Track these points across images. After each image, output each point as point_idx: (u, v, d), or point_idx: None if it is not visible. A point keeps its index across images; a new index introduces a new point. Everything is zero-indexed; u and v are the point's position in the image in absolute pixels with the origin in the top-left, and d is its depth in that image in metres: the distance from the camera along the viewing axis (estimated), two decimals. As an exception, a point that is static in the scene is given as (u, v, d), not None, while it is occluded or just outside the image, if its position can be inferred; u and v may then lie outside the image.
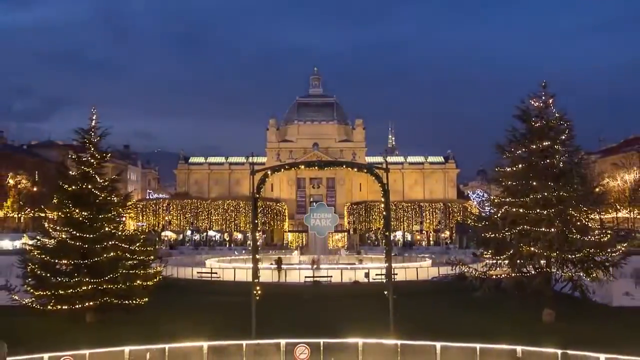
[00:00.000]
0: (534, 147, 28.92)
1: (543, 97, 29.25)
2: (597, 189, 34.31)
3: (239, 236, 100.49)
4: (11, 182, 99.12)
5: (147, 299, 28.79)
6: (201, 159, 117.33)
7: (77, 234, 28.21)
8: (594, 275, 27.90)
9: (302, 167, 29.15)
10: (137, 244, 30.25)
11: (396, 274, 38.23)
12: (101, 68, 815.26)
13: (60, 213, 29.81)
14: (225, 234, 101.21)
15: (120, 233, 29.92)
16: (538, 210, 27.55)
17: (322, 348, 18.19)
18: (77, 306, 27.40)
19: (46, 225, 31.43)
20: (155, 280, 30.53)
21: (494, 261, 28.71)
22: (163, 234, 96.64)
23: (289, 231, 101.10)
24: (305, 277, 46.77)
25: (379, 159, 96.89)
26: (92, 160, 29.89)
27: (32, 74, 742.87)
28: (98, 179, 29.73)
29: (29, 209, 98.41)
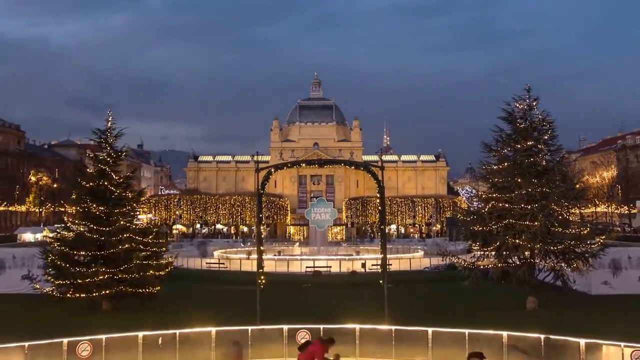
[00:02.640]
0: (519, 146, 28.90)
1: (527, 100, 29.22)
2: (577, 186, 34.35)
3: (245, 229, 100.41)
4: (33, 179, 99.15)
5: (159, 288, 28.76)
6: (209, 158, 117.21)
7: (94, 227, 28.21)
8: (575, 265, 27.91)
9: (304, 165, 29.17)
10: (150, 237, 30.24)
11: (391, 265, 38.30)
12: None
13: (78, 208, 29.77)
14: (232, 227, 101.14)
15: (134, 226, 29.90)
16: (523, 205, 27.53)
17: (321, 333, 18.15)
18: (94, 294, 27.37)
19: (65, 219, 31.43)
20: (166, 270, 30.51)
21: (482, 252, 28.70)
22: (174, 227, 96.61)
23: (291, 224, 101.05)
24: (307, 267, 46.76)
25: (375, 157, 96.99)
26: (108, 159, 29.86)
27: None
28: (114, 176, 29.69)
29: (49, 204, 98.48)
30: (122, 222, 28.76)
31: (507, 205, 28.02)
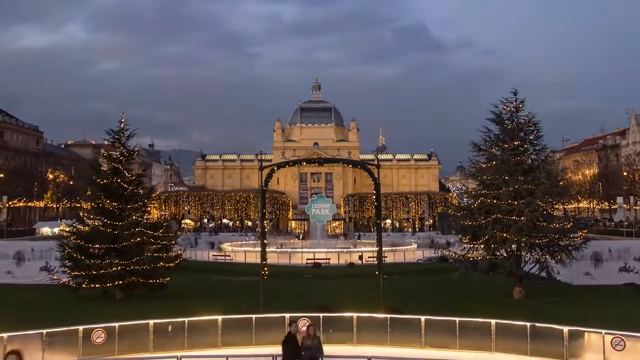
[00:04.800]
0: (506, 146, 28.91)
1: (514, 103, 29.18)
2: (561, 183, 34.35)
3: (249, 223, 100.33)
4: (51, 176, 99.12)
5: (168, 278, 28.76)
6: (216, 157, 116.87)
7: (108, 222, 28.20)
8: (558, 257, 27.95)
9: (304, 163, 29.14)
10: (160, 231, 30.23)
11: (386, 257, 38.24)
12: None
13: (93, 203, 29.77)
14: (237, 222, 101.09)
15: (145, 221, 29.90)
16: (510, 201, 27.53)
17: (321, 321, 18.15)
18: (107, 285, 27.40)
19: (81, 214, 31.40)
20: (176, 261, 30.50)
21: (471, 245, 28.68)
22: (183, 222, 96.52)
23: (293, 219, 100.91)
24: (307, 259, 46.72)
25: (371, 156, 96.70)
26: (121, 158, 29.84)
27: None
28: (126, 174, 29.67)
29: (66, 200, 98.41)
30: (134, 217, 28.77)
31: (495, 201, 28.02)
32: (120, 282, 27.39)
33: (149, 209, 33.96)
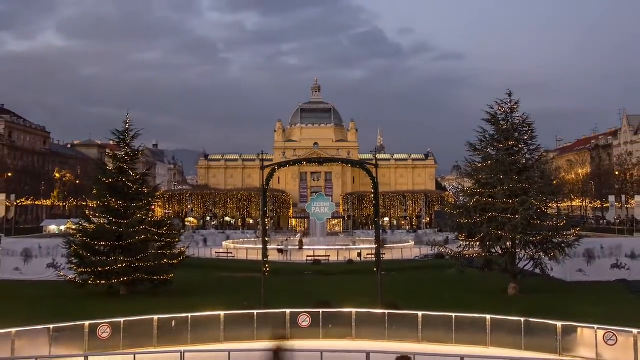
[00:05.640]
0: (501, 146, 28.89)
1: (509, 103, 29.16)
2: (554, 182, 34.33)
3: (251, 221, 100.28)
4: (57, 175, 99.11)
5: (172, 275, 28.76)
6: (218, 156, 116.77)
7: (113, 220, 28.20)
8: (552, 254, 27.95)
9: (305, 163, 29.15)
10: (164, 229, 30.22)
11: (384, 254, 38.22)
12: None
13: (98, 202, 29.76)
14: (239, 220, 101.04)
15: (149, 219, 29.88)
16: (505, 200, 27.52)
17: (321, 317, 18.15)
18: (113, 281, 27.41)
19: (87, 212, 31.46)
20: (179, 258, 30.50)
21: (467, 243, 28.68)
22: (186, 219, 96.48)
23: (293, 217, 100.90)
24: (307, 256, 46.72)
25: (370, 156, 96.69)
26: (126, 157, 29.83)
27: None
28: (131, 173, 29.67)
29: (72, 199, 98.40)
30: (138, 215, 28.75)
31: (490, 200, 28.01)
32: (125, 279, 27.37)
33: (153, 207, 33.99)
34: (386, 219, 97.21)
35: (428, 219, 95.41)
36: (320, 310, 18.51)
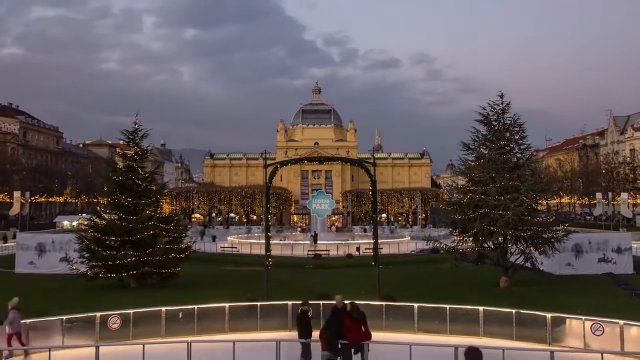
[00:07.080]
0: (494, 145, 28.86)
1: (500, 105, 29.11)
2: (544, 180, 34.26)
3: (254, 217, 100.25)
4: (70, 174, 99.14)
5: (179, 269, 28.77)
6: (224, 155, 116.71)
7: (123, 216, 28.19)
8: (542, 249, 27.91)
9: (306, 162, 29.05)
10: (172, 224, 30.21)
11: (381, 248, 38.21)
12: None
13: (109, 199, 29.75)
14: (243, 216, 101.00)
15: (158, 215, 29.88)
16: (497, 197, 27.49)
17: (321, 308, 18.13)
18: (122, 274, 27.41)
19: (98, 208, 31.42)
20: (186, 253, 30.49)
21: (461, 238, 28.66)
22: (192, 216, 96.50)
23: (295, 213, 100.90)
24: (308, 250, 46.68)
25: (368, 155, 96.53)
26: (135, 156, 29.80)
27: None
28: (140, 171, 29.64)
29: (84, 196, 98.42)
30: (147, 212, 28.76)
31: (483, 197, 27.98)
32: (135, 272, 27.40)
33: (161, 204, 33.94)
34: (384, 215, 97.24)
35: (423, 215, 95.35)
36: (321, 302, 18.48)
